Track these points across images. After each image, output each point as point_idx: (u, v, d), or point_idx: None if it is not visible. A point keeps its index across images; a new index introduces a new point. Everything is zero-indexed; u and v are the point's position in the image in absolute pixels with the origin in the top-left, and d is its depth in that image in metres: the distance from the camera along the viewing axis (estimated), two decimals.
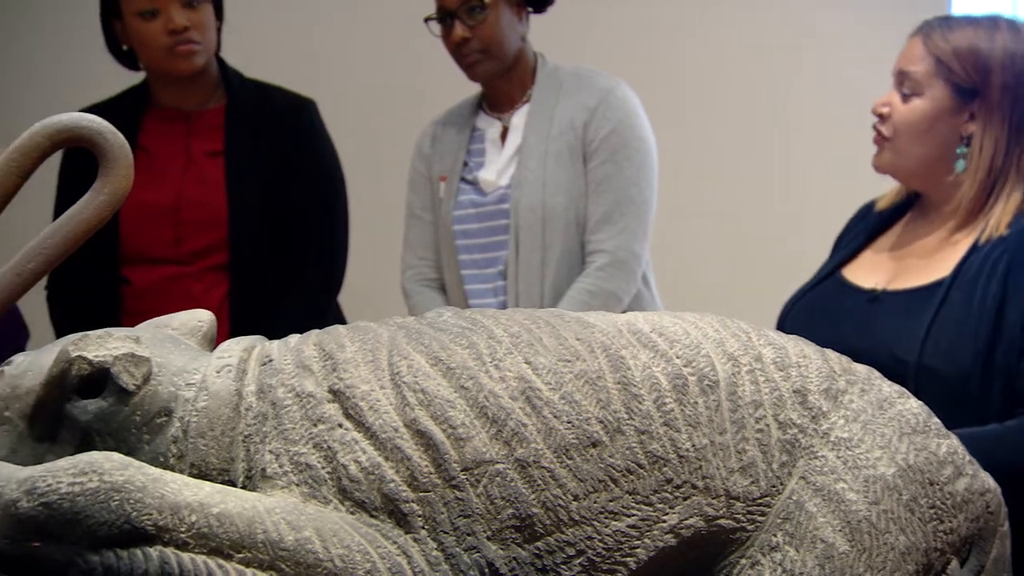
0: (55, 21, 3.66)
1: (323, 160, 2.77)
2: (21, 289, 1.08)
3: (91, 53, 2.84)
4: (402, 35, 3.61)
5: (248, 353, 1.26)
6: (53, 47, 3.65)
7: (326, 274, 2.76)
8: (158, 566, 1.07)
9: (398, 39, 3.72)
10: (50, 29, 3.65)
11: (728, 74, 3.78)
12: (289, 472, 1.16)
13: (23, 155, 1.06)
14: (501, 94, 2.71)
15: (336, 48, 3.77)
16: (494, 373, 1.19)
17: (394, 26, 3.73)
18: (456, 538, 1.14)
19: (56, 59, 3.63)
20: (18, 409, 1.20)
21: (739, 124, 3.78)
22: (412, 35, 3.12)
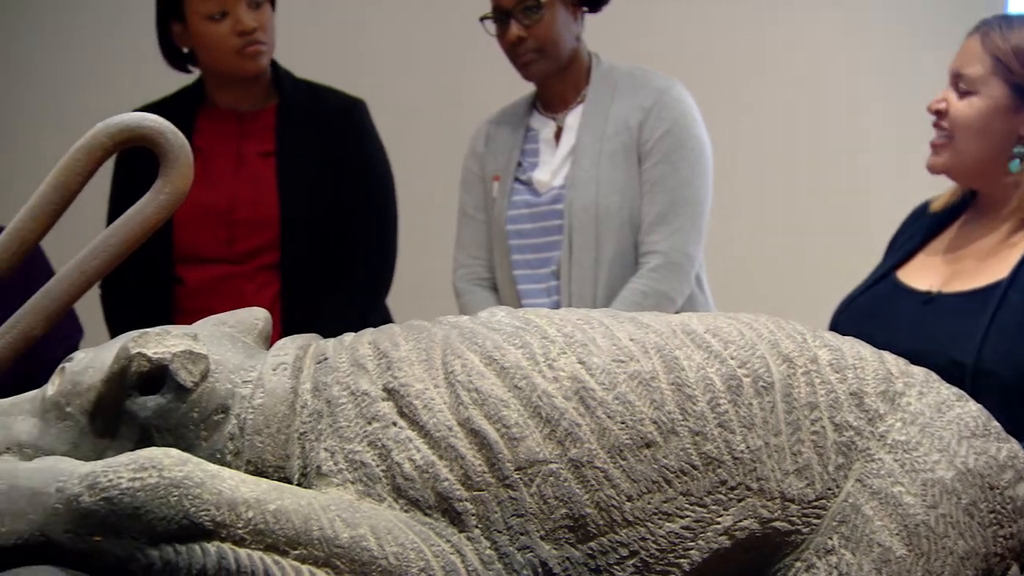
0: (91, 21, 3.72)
1: (372, 160, 2.79)
2: (84, 286, 1.10)
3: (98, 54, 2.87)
4: (452, 35, 3.63)
5: (304, 351, 1.27)
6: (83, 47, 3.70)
7: (375, 273, 2.78)
8: (216, 562, 1.08)
9: (449, 38, 3.73)
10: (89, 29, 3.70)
11: (782, 73, 3.76)
12: (344, 470, 1.17)
13: (86, 155, 1.08)
14: (555, 94, 2.71)
15: (386, 48, 3.79)
16: (548, 373, 1.19)
17: (445, 25, 3.74)
18: (509, 537, 1.14)
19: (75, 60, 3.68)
20: (79, 405, 1.21)
21: (793, 124, 3.75)
22: (463, 35, 3.14)
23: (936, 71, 2.16)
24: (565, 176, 2.67)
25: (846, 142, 3.75)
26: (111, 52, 3.63)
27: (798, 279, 3.66)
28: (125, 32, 3.50)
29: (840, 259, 3.17)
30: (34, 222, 1.08)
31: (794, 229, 3.75)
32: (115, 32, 3.61)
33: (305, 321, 2.54)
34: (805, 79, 3.74)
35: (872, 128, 3.70)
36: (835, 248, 3.61)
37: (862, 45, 3.71)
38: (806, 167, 3.76)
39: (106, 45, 3.64)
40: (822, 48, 3.73)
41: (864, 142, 3.73)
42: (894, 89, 3.63)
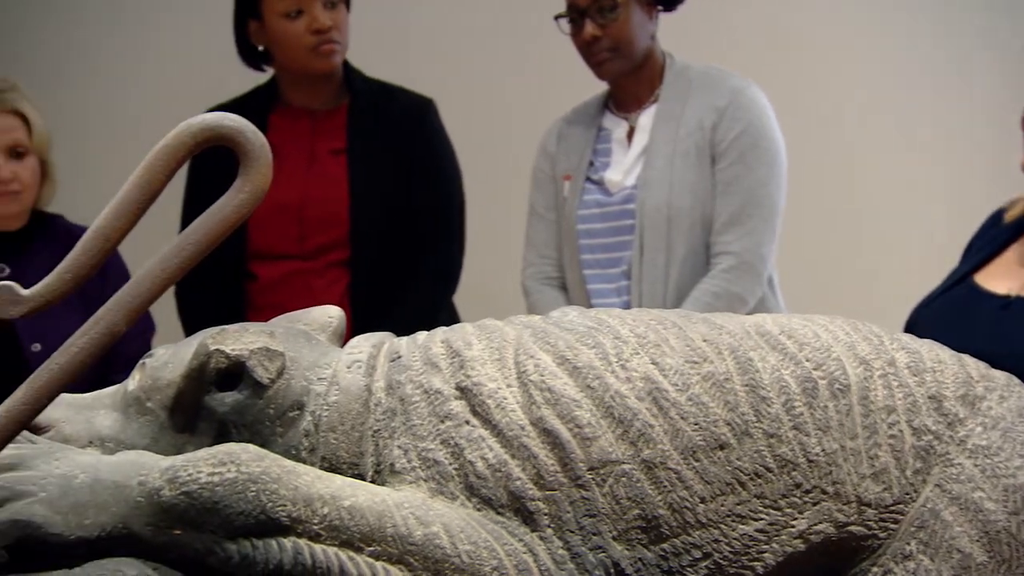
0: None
1: (442, 159, 2.81)
2: (165, 283, 1.12)
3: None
4: (524, 33, 3.63)
5: (377, 349, 1.28)
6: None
7: (443, 271, 2.81)
8: (292, 557, 1.09)
9: (520, 37, 3.74)
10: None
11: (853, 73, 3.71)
12: (417, 467, 1.18)
13: (169, 154, 1.10)
14: (629, 94, 2.71)
15: (457, 47, 3.80)
16: (620, 373, 1.19)
17: (516, 24, 3.75)
18: (582, 537, 1.14)
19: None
20: (159, 400, 1.23)
21: (867, 125, 3.71)
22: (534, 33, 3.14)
23: (1014, 72, 2.13)
24: (637, 176, 2.67)
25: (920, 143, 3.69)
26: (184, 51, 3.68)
27: (871, 282, 3.62)
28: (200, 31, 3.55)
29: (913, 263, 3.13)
30: (118, 220, 1.10)
31: (867, 231, 3.70)
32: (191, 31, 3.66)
33: (373, 318, 2.56)
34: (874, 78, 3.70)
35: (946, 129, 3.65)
36: (908, 251, 3.56)
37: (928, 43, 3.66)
38: (878, 168, 3.71)
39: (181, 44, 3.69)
40: (883, 47, 3.68)
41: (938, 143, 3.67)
42: (969, 88, 3.57)
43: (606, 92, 2.77)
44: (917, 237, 3.58)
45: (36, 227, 2.63)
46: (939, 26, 3.67)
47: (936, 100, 3.68)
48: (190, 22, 3.66)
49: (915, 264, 2.92)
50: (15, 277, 2.58)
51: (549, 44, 2.80)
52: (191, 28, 3.64)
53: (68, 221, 2.70)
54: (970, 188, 3.13)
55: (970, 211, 2.21)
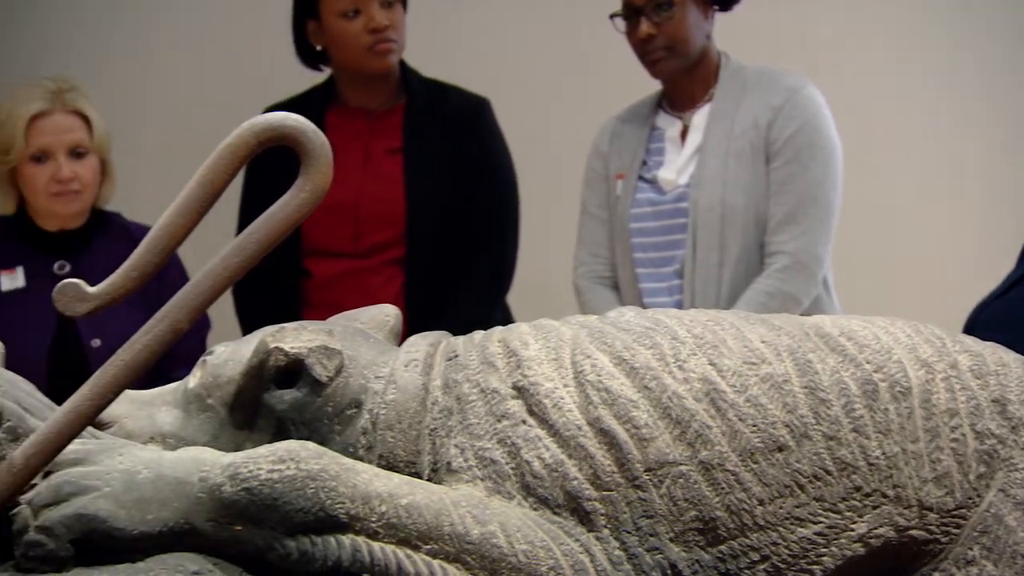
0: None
1: (496, 158, 2.83)
2: (227, 282, 1.12)
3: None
4: (578, 32, 3.63)
5: (434, 348, 1.28)
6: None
7: (497, 270, 2.82)
8: (350, 554, 1.10)
9: (573, 36, 3.73)
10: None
11: (909, 72, 3.68)
12: (474, 466, 1.18)
13: (232, 153, 1.11)
14: (683, 92, 2.70)
15: (511, 46, 3.81)
16: (678, 374, 1.19)
17: (569, 23, 3.74)
18: (638, 538, 1.14)
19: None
20: (219, 397, 1.25)
21: (926, 125, 3.67)
22: (588, 32, 3.13)
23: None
24: (690, 175, 2.66)
25: (974, 142, 3.65)
26: (241, 51, 3.71)
27: (927, 282, 3.58)
28: (258, 30, 3.58)
29: (970, 263, 3.09)
30: (182, 218, 1.10)
31: (923, 232, 3.66)
32: (249, 30, 3.69)
33: (428, 317, 2.58)
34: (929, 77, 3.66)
35: (1005, 129, 3.60)
36: (965, 252, 3.51)
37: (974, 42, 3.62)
38: (934, 167, 3.67)
39: (238, 44, 3.72)
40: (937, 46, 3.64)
41: (994, 143, 3.63)
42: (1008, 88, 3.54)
43: (660, 91, 2.76)
44: (975, 238, 3.54)
45: (95, 225, 2.67)
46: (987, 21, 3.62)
47: (995, 100, 3.63)
48: (248, 21, 3.69)
49: (971, 266, 2.88)
50: (75, 274, 2.65)
51: (603, 43, 2.79)
52: (249, 27, 3.67)
53: (126, 219, 2.74)
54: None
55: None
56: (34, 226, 2.64)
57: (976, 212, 3.62)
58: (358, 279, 2.75)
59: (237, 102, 3.08)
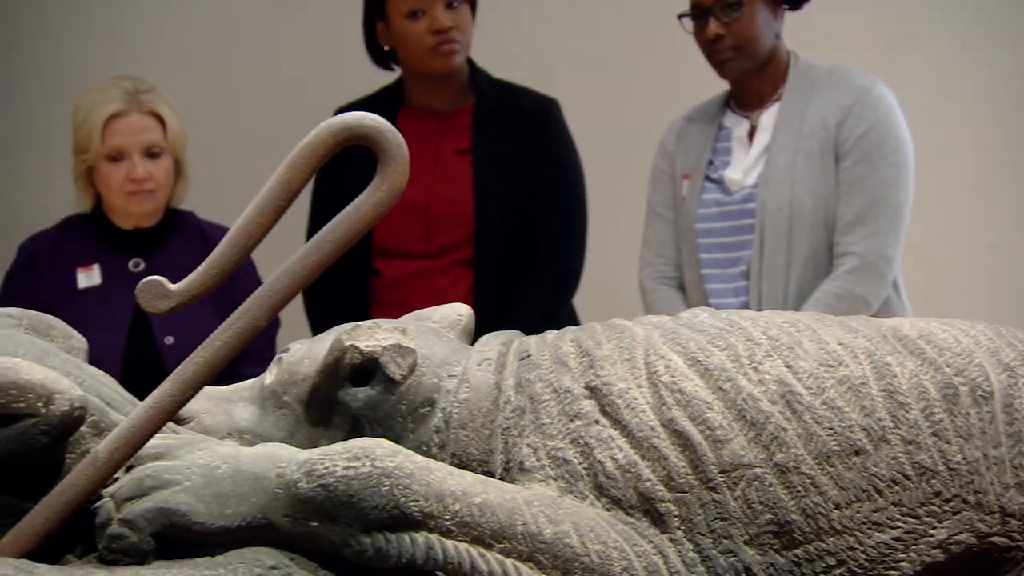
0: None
1: (565, 159, 2.83)
2: (304, 280, 1.14)
3: None
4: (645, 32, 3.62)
5: (507, 347, 1.29)
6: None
7: (564, 271, 2.82)
8: (424, 552, 1.10)
9: (641, 36, 3.72)
10: None
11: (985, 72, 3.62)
12: (546, 466, 1.18)
13: (310, 153, 1.12)
14: (751, 92, 2.68)
15: (579, 46, 3.81)
16: (753, 376, 1.18)
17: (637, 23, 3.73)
18: (712, 540, 1.14)
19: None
20: (295, 394, 1.26)
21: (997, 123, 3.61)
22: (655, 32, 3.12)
23: None
24: (758, 175, 2.64)
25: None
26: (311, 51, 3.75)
27: (1001, 284, 3.52)
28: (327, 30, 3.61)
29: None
30: (260, 217, 1.12)
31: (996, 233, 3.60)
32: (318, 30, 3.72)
33: (495, 317, 2.58)
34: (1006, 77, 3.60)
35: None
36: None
37: None
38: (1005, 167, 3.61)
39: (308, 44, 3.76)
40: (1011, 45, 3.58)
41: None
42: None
43: (727, 90, 2.75)
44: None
45: (169, 224, 2.71)
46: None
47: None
48: (320, 21, 3.72)
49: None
50: (149, 271, 2.68)
51: (671, 43, 2.78)
52: (321, 27, 3.71)
53: (199, 218, 2.77)
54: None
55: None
56: (110, 224, 2.69)
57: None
58: (427, 279, 2.76)
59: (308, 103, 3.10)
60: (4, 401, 1.05)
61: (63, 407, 1.06)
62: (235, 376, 1.55)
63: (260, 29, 3.78)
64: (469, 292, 2.74)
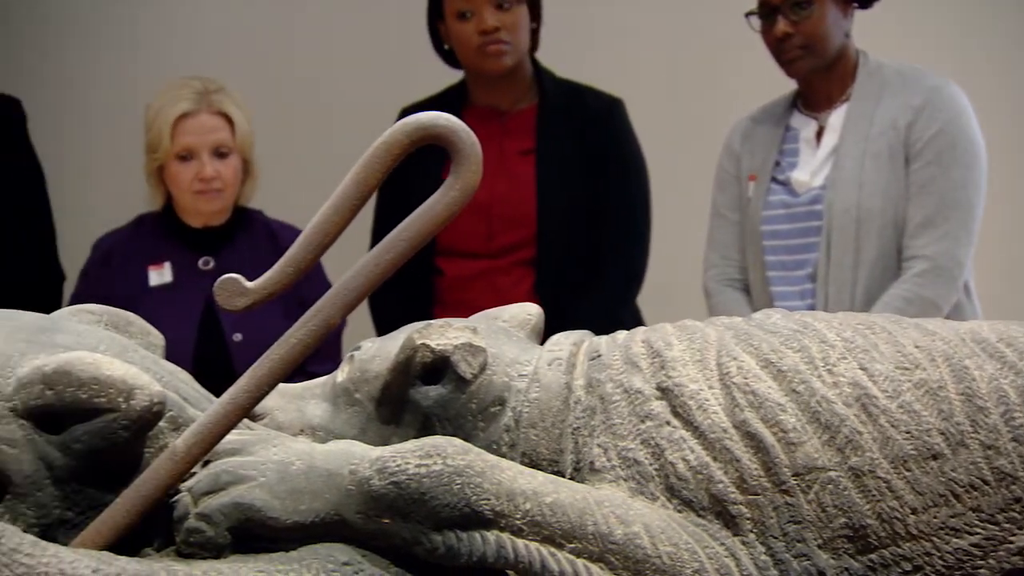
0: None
1: (629, 159, 2.82)
2: (378, 279, 1.14)
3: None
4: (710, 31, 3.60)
5: (577, 347, 1.28)
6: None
7: (628, 272, 2.81)
8: (495, 550, 1.10)
9: (705, 35, 3.71)
10: None
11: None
12: (617, 467, 1.18)
13: (385, 152, 1.13)
14: (819, 92, 2.66)
15: (644, 45, 3.80)
16: (827, 378, 1.17)
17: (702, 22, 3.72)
18: (785, 544, 1.13)
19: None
20: (367, 392, 1.27)
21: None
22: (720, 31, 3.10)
23: None
24: (825, 176, 2.62)
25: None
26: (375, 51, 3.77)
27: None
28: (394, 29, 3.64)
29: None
30: (336, 216, 1.12)
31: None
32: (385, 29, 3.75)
33: (557, 317, 2.58)
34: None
35: None
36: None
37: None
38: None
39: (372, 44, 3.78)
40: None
41: None
42: None
43: (795, 90, 2.72)
44: None
45: (238, 222, 2.74)
46: None
47: None
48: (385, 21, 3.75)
49: None
50: (218, 269, 2.72)
51: (736, 42, 2.77)
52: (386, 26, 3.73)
53: (267, 216, 2.80)
54: None
55: None
56: (180, 223, 2.73)
57: None
58: (489, 279, 2.77)
59: (373, 103, 3.13)
60: (86, 396, 1.06)
61: (143, 402, 1.07)
62: (304, 373, 1.56)
63: (327, 29, 3.81)
64: (531, 292, 2.74)
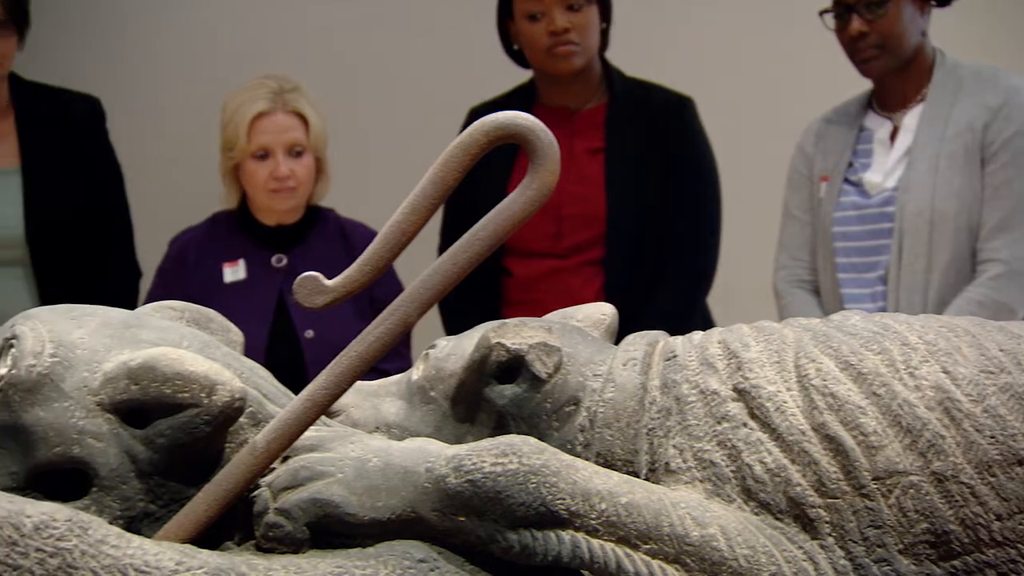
0: None
1: (699, 159, 2.80)
2: (455, 278, 1.15)
3: None
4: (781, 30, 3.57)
5: (652, 347, 1.28)
6: None
7: (697, 273, 2.79)
8: (570, 550, 1.10)
9: (775, 34, 3.67)
10: None
11: None
12: (693, 468, 1.17)
13: (463, 151, 1.13)
14: (894, 92, 2.62)
15: (715, 45, 3.77)
16: (909, 381, 1.15)
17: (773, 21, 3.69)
18: (865, 548, 1.11)
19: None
20: (442, 390, 1.27)
21: None
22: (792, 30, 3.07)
23: None
24: (899, 178, 2.59)
25: None
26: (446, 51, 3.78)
27: None
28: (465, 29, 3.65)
29: None
30: (414, 215, 1.13)
31: None
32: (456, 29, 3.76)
33: (626, 318, 2.56)
34: None
35: None
36: None
37: None
38: None
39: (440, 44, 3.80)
40: None
41: None
42: None
43: (869, 90, 2.69)
44: None
45: (311, 220, 2.77)
46: None
47: None
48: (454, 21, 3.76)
49: None
50: (291, 267, 2.74)
51: (808, 41, 2.74)
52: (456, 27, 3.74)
53: (339, 215, 2.83)
54: None
55: None
56: (254, 220, 2.76)
57: None
58: (558, 279, 2.76)
59: (442, 103, 3.14)
60: (170, 391, 1.08)
61: (224, 398, 1.09)
62: (374, 370, 1.57)
63: (399, 29, 3.83)
64: (600, 292, 2.74)
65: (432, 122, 3.17)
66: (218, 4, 3.85)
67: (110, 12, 3.81)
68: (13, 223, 2.70)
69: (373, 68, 3.80)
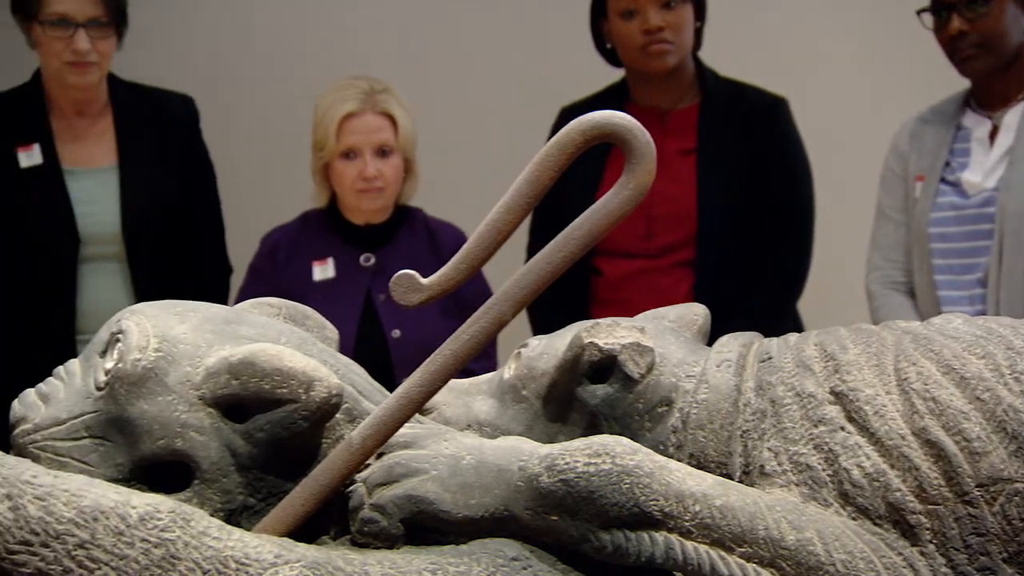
0: None
1: (793, 159, 2.76)
2: (550, 277, 1.14)
3: None
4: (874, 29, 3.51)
5: (747, 349, 1.26)
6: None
7: (789, 274, 2.75)
8: (663, 552, 1.09)
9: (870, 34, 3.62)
10: None
11: None
12: (788, 471, 1.15)
13: (559, 151, 1.12)
14: (994, 91, 2.56)
15: (809, 44, 3.73)
16: (1014, 387, 1.12)
17: (866, 21, 3.63)
18: (967, 556, 1.09)
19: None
20: (534, 389, 1.27)
21: None
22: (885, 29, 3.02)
23: None
24: (999, 178, 2.53)
25: None
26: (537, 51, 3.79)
27: None
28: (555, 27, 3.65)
29: None
30: (509, 214, 1.13)
31: None
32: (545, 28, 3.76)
33: (716, 319, 2.54)
34: None
35: None
36: None
37: None
38: None
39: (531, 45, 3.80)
40: None
41: None
42: None
43: (967, 89, 2.64)
44: None
45: (399, 220, 2.79)
46: None
47: None
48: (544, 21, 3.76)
49: None
50: (379, 266, 2.76)
51: (903, 39, 2.69)
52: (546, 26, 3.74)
53: (427, 214, 2.84)
54: None
55: None
56: (343, 220, 2.78)
57: None
58: (648, 279, 2.74)
59: (533, 103, 3.14)
60: (269, 387, 1.09)
61: (322, 394, 1.10)
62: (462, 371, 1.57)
63: (488, 28, 3.84)
64: (690, 293, 2.71)
65: (520, 123, 3.17)
66: (311, 4, 3.90)
67: (204, 13, 3.88)
68: (111, 219, 2.76)
69: (463, 67, 3.82)
